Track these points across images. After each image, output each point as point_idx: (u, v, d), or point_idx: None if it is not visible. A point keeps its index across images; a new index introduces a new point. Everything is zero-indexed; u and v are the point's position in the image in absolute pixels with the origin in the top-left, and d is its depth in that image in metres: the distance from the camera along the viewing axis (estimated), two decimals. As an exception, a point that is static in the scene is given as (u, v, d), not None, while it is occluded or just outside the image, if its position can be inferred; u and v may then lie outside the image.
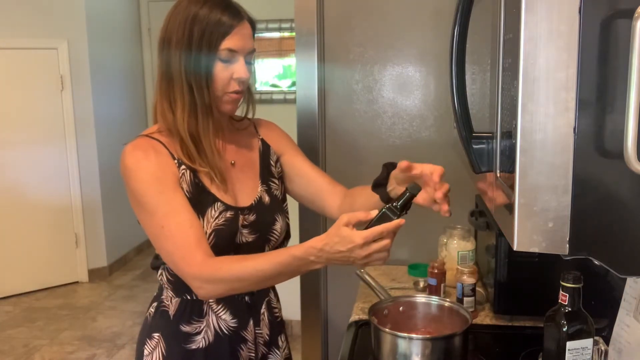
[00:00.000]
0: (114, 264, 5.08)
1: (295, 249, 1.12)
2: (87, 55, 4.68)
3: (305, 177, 1.42)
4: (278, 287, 1.46)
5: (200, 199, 1.24)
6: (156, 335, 1.31)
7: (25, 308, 4.35)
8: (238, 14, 1.22)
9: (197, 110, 1.22)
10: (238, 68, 1.23)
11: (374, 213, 1.10)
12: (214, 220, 1.24)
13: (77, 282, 4.84)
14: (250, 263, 1.16)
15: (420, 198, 1.19)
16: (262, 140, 1.42)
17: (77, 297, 4.57)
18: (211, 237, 1.23)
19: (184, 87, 1.21)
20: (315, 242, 1.10)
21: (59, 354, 3.64)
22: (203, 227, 1.22)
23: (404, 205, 1.13)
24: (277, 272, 1.15)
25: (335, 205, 1.39)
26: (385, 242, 1.08)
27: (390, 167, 1.29)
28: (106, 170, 4.81)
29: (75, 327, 4.02)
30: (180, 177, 1.23)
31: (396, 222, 1.08)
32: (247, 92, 1.32)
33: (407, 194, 1.13)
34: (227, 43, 1.20)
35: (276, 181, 1.40)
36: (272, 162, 1.41)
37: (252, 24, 1.27)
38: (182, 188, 1.22)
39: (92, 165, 4.81)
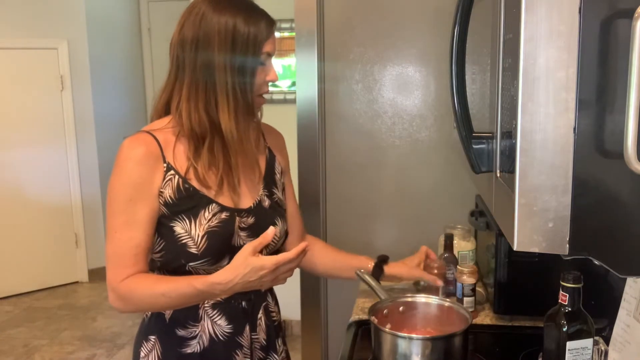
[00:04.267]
0: (114, 264, 5.07)
1: (199, 282, 1.19)
2: (87, 55, 4.68)
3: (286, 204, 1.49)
4: (277, 287, 1.45)
5: (190, 203, 1.24)
6: (152, 337, 1.31)
7: (25, 308, 4.35)
8: (271, 19, 1.30)
9: (239, 112, 1.25)
10: (271, 71, 1.30)
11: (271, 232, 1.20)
12: (207, 222, 1.24)
13: (77, 282, 4.84)
14: (158, 289, 1.22)
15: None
16: (269, 149, 1.44)
17: (77, 297, 4.57)
18: (204, 239, 1.23)
19: (229, 90, 1.23)
20: (221, 277, 1.17)
21: (59, 354, 3.64)
22: (195, 229, 1.23)
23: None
24: (181, 302, 1.24)
25: (290, 245, 1.45)
26: (293, 264, 1.18)
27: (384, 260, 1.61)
28: (106, 170, 4.78)
29: (75, 327, 4.02)
30: (165, 183, 1.23)
31: (303, 244, 1.18)
32: None
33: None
34: (267, 47, 1.27)
35: (279, 191, 1.42)
36: (277, 172, 1.43)
37: None
38: (162, 194, 1.23)
39: (92, 165, 4.81)
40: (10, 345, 3.77)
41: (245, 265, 1.15)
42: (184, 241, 1.23)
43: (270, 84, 1.31)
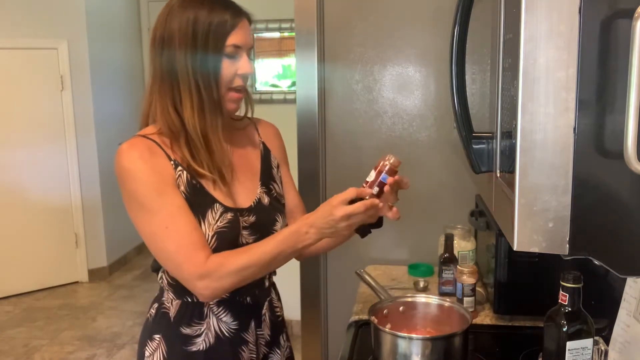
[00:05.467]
0: (114, 264, 5.08)
1: (290, 225, 1.22)
2: (87, 55, 4.68)
3: (285, 193, 1.46)
4: (278, 286, 1.45)
5: (198, 201, 1.23)
6: (157, 336, 1.31)
7: (25, 308, 4.35)
8: (239, 11, 1.25)
9: (205, 108, 1.23)
10: (242, 64, 1.25)
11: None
12: (216, 222, 1.23)
13: (77, 282, 4.84)
14: (254, 250, 1.21)
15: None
16: (264, 144, 1.42)
17: (77, 297, 4.58)
18: (213, 239, 1.22)
19: (192, 86, 1.21)
20: (307, 216, 1.20)
21: (59, 354, 3.64)
22: (205, 229, 1.22)
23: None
24: (278, 251, 1.20)
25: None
26: (360, 217, 1.17)
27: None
28: (106, 170, 4.81)
29: (75, 327, 4.02)
30: (177, 178, 1.22)
31: (375, 202, 1.17)
32: (245, 91, 1.32)
33: None
34: (232, 39, 1.22)
35: (277, 185, 1.41)
36: (273, 166, 1.41)
37: (250, 20, 1.29)
38: (179, 189, 1.22)
39: (92, 165, 4.81)
40: (10, 345, 3.77)
41: (322, 206, 1.18)
42: None
43: (268, 81, 1.30)
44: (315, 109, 2.07)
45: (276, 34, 3.47)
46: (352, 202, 1.17)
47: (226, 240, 1.24)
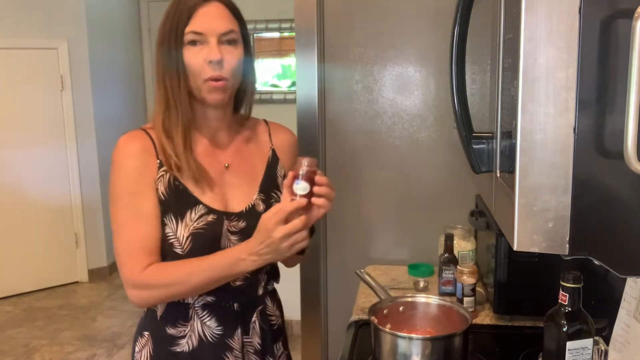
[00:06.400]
0: (114, 264, 5.07)
1: (227, 250, 1.21)
2: (87, 55, 4.68)
3: None
4: (278, 286, 1.45)
5: (178, 201, 1.23)
6: (146, 333, 1.32)
7: (25, 308, 4.35)
8: None
9: (170, 103, 1.22)
10: (208, 51, 1.18)
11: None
12: (193, 223, 1.22)
13: (77, 282, 4.84)
14: (183, 268, 1.21)
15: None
16: (273, 151, 1.38)
17: (77, 297, 4.58)
18: (188, 240, 1.22)
19: (161, 82, 1.23)
20: (245, 241, 1.19)
21: (59, 354, 3.65)
22: (181, 230, 1.22)
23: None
24: (208, 276, 1.20)
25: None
26: (296, 222, 1.13)
27: None
28: (106, 170, 4.76)
29: (75, 327, 4.02)
30: (158, 178, 1.23)
31: (296, 202, 1.13)
32: (244, 87, 1.30)
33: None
34: (191, 26, 1.18)
35: (281, 194, 1.36)
36: (279, 175, 1.37)
37: (229, 4, 1.24)
38: (157, 189, 1.22)
39: (92, 165, 4.81)
40: (10, 345, 3.77)
41: (257, 229, 1.15)
42: (170, 241, 1.23)
43: (268, 82, 1.29)
44: (315, 109, 2.07)
45: (276, 34, 3.47)
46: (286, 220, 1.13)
47: (204, 243, 1.23)
